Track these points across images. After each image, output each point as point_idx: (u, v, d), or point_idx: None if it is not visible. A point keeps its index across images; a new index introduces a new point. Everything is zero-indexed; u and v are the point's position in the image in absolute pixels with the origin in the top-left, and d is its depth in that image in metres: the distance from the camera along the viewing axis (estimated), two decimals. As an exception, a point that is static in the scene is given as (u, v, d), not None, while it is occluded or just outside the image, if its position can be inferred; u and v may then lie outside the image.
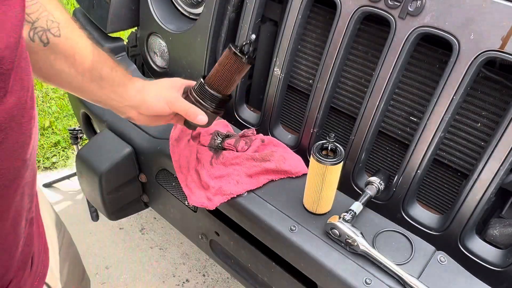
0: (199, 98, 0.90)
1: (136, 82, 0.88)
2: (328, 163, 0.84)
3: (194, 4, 1.34)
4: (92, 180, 1.17)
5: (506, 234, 0.89)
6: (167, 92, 0.89)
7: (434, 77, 0.93)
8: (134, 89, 0.87)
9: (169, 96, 0.88)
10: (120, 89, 0.86)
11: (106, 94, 0.85)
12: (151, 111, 0.88)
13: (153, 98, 0.88)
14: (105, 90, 0.84)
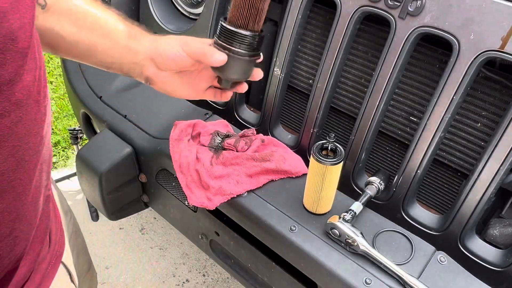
0: (224, 42, 0.73)
1: (150, 34, 0.79)
2: (328, 163, 0.84)
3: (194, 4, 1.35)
4: (92, 180, 1.17)
5: (506, 234, 0.89)
6: (186, 37, 0.77)
7: (434, 77, 0.93)
8: (148, 39, 0.78)
9: (186, 39, 0.76)
10: (132, 42, 0.77)
11: (118, 50, 0.77)
12: (166, 58, 0.76)
13: (167, 43, 0.76)
14: (117, 46, 0.76)
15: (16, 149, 0.46)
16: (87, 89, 1.37)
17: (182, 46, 0.75)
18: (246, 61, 0.75)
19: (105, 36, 0.75)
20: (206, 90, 0.85)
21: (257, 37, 0.74)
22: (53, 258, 0.66)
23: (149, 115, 1.25)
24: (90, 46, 0.75)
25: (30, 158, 0.49)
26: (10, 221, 0.49)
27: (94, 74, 1.41)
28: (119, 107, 1.28)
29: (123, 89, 1.36)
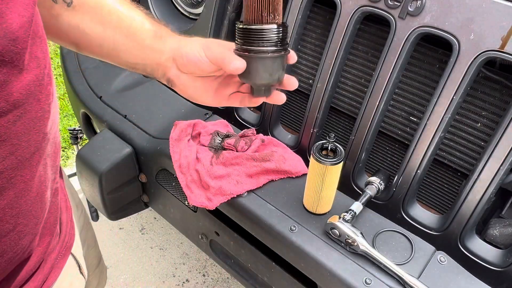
0: (242, 44, 0.67)
1: (175, 36, 0.76)
2: (328, 163, 0.84)
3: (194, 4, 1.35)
4: (92, 180, 1.17)
5: (506, 234, 0.89)
6: (209, 41, 0.73)
7: (434, 77, 0.93)
8: (173, 40, 0.75)
9: (208, 43, 0.72)
10: (157, 42, 0.74)
11: (143, 51, 0.74)
12: (187, 60, 0.72)
13: (190, 45, 0.73)
14: (141, 44, 0.74)
15: (16, 147, 0.46)
16: (87, 89, 1.37)
17: (204, 49, 0.71)
18: (269, 59, 0.66)
19: (130, 36, 0.73)
20: (231, 95, 0.80)
21: (275, 30, 0.65)
22: (63, 249, 0.67)
23: (149, 115, 1.25)
24: (115, 45, 0.73)
25: (31, 156, 0.49)
26: (12, 217, 0.50)
27: (94, 74, 1.41)
28: (119, 107, 1.28)
29: (123, 89, 1.36)
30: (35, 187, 0.52)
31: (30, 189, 0.51)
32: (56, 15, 0.68)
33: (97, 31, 0.71)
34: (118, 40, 0.73)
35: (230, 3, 1.19)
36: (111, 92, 1.34)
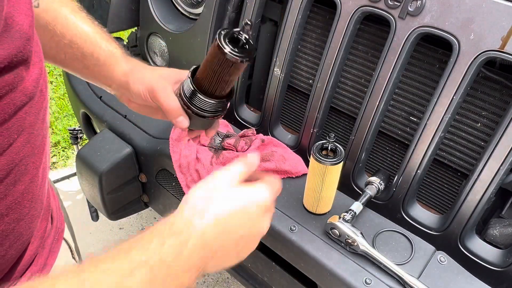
0: (188, 102, 0.73)
1: (123, 64, 0.78)
2: (328, 163, 0.84)
3: (194, 4, 1.34)
4: (92, 180, 1.17)
5: (506, 234, 0.89)
6: (154, 80, 0.75)
7: (434, 77, 0.93)
8: (121, 71, 0.77)
9: (154, 85, 0.75)
10: (104, 70, 0.77)
11: (91, 73, 0.78)
12: (135, 98, 0.77)
13: (136, 83, 0.76)
14: (89, 69, 0.77)
15: (31, 136, 0.50)
16: (87, 89, 1.36)
17: (148, 92, 0.75)
18: (208, 120, 0.77)
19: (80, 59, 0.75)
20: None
21: (221, 104, 0.75)
22: (56, 234, 0.70)
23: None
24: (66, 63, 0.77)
25: (40, 144, 0.54)
26: (28, 201, 0.54)
27: (94, 74, 1.41)
28: (119, 107, 1.28)
29: (123, 89, 1.36)
30: (41, 172, 0.56)
31: (39, 175, 0.55)
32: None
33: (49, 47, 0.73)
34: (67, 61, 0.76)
35: (230, 3, 1.19)
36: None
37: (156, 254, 0.47)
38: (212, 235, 0.52)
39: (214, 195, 0.55)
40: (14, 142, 0.47)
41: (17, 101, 0.46)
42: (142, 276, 0.46)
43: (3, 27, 0.41)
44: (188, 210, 0.53)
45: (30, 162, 0.51)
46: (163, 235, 0.49)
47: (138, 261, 0.46)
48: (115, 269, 0.45)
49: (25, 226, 0.56)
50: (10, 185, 0.49)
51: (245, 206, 0.56)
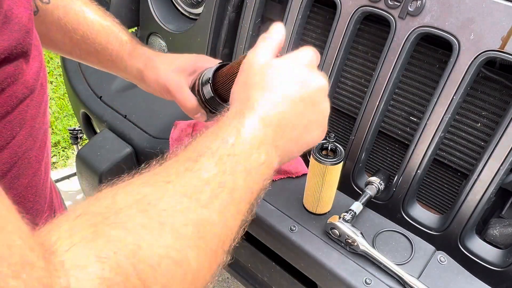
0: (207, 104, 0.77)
1: (137, 58, 0.78)
2: (328, 163, 0.84)
3: (194, 4, 1.34)
4: (92, 180, 1.17)
5: (506, 234, 0.89)
6: (169, 78, 0.76)
7: (434, 77, 0.93)
8: (135, 68, 0.79)
9: (169, 83, 0.76)
10: (118, 64, 0.79)
11: (107, 67, 0.79)
12: (150, 89, 0.80)
13: (151, 81, 0.78)
14: (104, 64, 0.78)
15: (33, 130, 0.51)
16: (87, 89, 1.36)
17: (165, 93, 0.78)
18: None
19: (94, 54, 0.76)
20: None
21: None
22: None
23: (149, 115, 1.25)
24: (82, 58, 0.78)
25: (42, 137, 0.54)
26: (31, 195, 0.54)
27: (94, 74, 1.41)
28: (119, 107, 1.28)
29: (123, 89, 1.36)
30: (43, 166, 0.56)
31: (42, 169, 0.56)
32: None
33: (63, 43, 0.74)
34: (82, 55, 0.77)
35: (230, 3, 1.19)
36: (111, 92, 1.34)
37: (217, 138, 0.47)
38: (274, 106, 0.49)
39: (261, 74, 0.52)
40: (17, 135, 0.48)
41: (19, 93, 0.46)
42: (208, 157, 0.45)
43: (4, 19, 0.42)
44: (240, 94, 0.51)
45: (32, 156, 0.52)
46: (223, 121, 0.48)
47: (203, 147, 0.47)
48: (182, 160, 0.47)
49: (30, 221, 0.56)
50: (14, 178, 0.50)
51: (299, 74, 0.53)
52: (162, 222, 0.39)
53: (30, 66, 0.48)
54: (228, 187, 0.45)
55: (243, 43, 1.16)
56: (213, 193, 0.44)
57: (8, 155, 0.47)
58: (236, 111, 0.49)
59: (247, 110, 0.48)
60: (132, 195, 0.41)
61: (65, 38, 0.73)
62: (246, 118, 0.48)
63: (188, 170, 0.44)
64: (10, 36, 0.43)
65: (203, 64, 0.81)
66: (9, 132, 0.46)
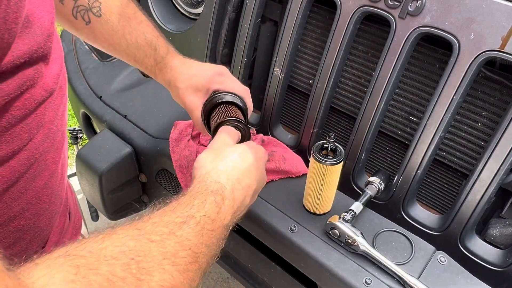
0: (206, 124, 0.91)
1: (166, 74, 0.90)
2: (328, 163, 0.84)
3: (194, 4, 1.35)
4: (92, 180, 1.17)
5: (506, 234, 0.89)
6: (189, 97, 0.89)
7: (434, 77, 0.93)
8: (163, 80, 0.92)
9: (188, 103, 0.89)
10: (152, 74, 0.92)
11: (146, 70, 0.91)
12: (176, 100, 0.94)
13: (176, 97, 0.92)
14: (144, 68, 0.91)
15: (50, 132, 0.51)
16: (87, 89, 1.36)
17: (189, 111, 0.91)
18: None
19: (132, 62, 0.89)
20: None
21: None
22: (74, 230, 0.73)
23: (149, 115, 1.25)
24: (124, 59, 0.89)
25: (60, 139, 0.55)
26: (47, 196, 0.55)
27: (94, 74, 1.41)
28: (119, 107, 1.28)
29: (123, 89, 1.36)
30: (60, 168, 0.58)
31: (58, 170, 0.57)
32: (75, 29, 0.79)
33: (108, 50, 0.84)
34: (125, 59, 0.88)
35: (230, 3, 1.19)
36: (111, 92, 1.34)
37: (200, 210, 0.54)
38: (238, 192, 0.62)
39: (225, 156, 0.65)
40: (34, 137, 0.48)
41: (38, 96, 0.47)
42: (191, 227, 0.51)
43: (25, 23, 0.42)
44: (214, 173, 0.62)
45: (49, 158, 0.53)
46: (202, 195, 0.57)
47: (186, 215, 0.52)
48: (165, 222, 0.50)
49: (45, 221, 0.57)
50: (30, 180, 0.50)
51: (254, 162, 0.68)
52: (140, 279, 0.42)
53: (49, 69, 0.48)
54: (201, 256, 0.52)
55: (243, 43, 1.16)
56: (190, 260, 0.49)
57: (25, 157, 0.48)
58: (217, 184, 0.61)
59: (227, 192, 0.61)
60: (118, 246, 0.43)
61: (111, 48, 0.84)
62: (225, 199, 0.60)
63: (172, 234, 0.49)
64: (31, 40, 0.44)
65: (218, 84, 0.89)
66: (27, 134, 0.47)
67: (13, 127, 0.45)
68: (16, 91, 0.43)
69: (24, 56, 0.43)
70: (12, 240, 0.51)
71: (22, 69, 0.44)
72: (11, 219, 0.49)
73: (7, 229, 0.49)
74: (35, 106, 0.47)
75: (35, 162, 0.49)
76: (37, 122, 0.48)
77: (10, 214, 0.49)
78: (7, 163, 0.45)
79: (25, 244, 0.54)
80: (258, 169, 0.70)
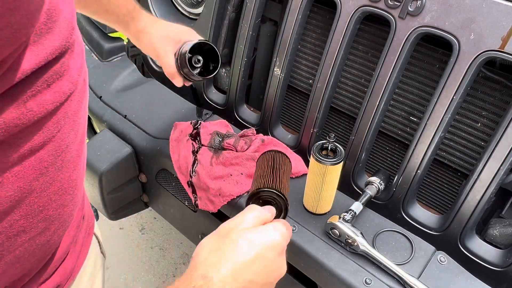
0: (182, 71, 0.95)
1: (137, 23, 0.93)
2: (328, 163, 0.84)
3: (194, 4, 1.35)
4: (92, 180, 1.17)
5: (506, 234, 0.89)
6: (161, 43, 0.92)
7: (434, 77, 0.93)
8: (135, 28, 0.94)
9: (160, 48, 0.92)
10: (122, 26, 0.94)
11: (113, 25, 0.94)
12: (144, 50, 0.96)
13: (146, 44, 0.94)
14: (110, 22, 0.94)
15: (75, 124, 0.52)
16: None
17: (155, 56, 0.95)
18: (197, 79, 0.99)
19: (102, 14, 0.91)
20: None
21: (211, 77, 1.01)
22: (88, 228, 0.73)
23: (149, 115, 1.25)
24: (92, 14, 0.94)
25: (82, 132, 0.56)
26: (71, 188, 0.55)
27: (94, 74, 1.41)
28: (119, 107, 1.28)
29: (123, 89, 1.36)
30: (82, 160, 0.58)
31: (80, 162, 0.57)
32: None
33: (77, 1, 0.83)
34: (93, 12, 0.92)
35: (230, 3, 1.19)
36: (111, 92, 1.34)
37: None
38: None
39: (226, 244, 0.56)
40: (62, 128, 0.49)
41: (66, 89, 0.48)
42: None
43: (53, 17, 0.42)
44: (204, 265, 0.54)
45: (73, 150, 0.53)
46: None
47: None
48: None
49: (69, 213, 0.57)
50: (57, 171, 0.50)
51: (259, 253, 0.56)
52: None
53: (74, 61, 0.49)
54: None
55: (243, 43, 1.16)
56: None
57: (53, 148, 0.48)
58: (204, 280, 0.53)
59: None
60: None
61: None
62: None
63: None
64: (59, 34, 0.44)
65: (189, 37, 0.96)
66: (55, 125, 0.47)
67: (44, 119, 0.46)
68: (43, 84, 0.44)
69: (55, 52, 0.44)
70: (40, 230, 0.52)
71: (51, 65, 0.44)
72: (41, 209, 0.50)
73: (36, 219, 0.50)
74: (65, 98, 0.48)
75: (61, 153, 0.50)
76: (63, 113, 0.48)
77: (40, 204, 0.49)
78: (37, 153, 0.46)
79: (50, 234, 0.54)
80: (267, 261, 0.57)
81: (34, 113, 0.43)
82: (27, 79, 0.42)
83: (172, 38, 0.94)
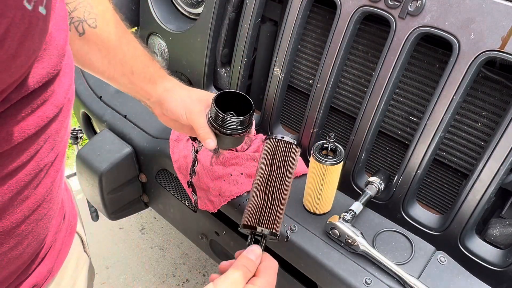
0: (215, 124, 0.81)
1: (166, 82, 0.86)
2: (328, 163, 0.84)
3: (194, 4, 1.34)
4: (92, 180, 1.17)
5: (506, 234, 0.89)
6: (192, 102, 0.84)
7: (434, 77, 0.93)
8: (163, 87, 0.85)
9: (191, 107, 0.83)
10: (149, 86, 0.85)
11: (135, 88, 0.85)
12: (170, 114, 0.85)
13: (175, 102, 0.84)
14: (135, 84, 0.84)
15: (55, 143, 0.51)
16: (87, 89, 1.36)
17: (186, 113, 0.83)
18: (237, 138, 0.83)
19: (128, 75, 0.83)
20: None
21: (247, 119, 0.81)
22: (69, 227, 0.73)
23: (149, 115, 1.24)
24: (114, 78, 0.84)
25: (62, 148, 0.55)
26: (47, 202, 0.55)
27: (94, 74, 1.41)
28: (119, 107, 1.28)
29: (123, 89, 1.36)
30: (59, 175, 0.57)
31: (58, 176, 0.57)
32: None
33: (101, 63, 0.79)
34: (116, 76, 0.83)
35: (230, 3, 1.19)
36: (111, 92, 1.34)
37: None
38: None
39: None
40: (41, 148, 0.49)
41: (49, 113, 0.47)
42: None
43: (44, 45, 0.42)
44: None
45: (52, 167, 0.53)
46: None
47: None
48: None
49: (43, 226, 0.57)
50: (33, 188, 0.50)
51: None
52: None
53: (61, 84, 0.48)
54: None
55: (243, 43, 1.16)
56: None
57: (31, 168, 0.48)
58: None
59: None
60: None
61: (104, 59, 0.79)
62: None
63: None
64: (49, 62, 0.44)
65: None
66: (35, 146, 0.47)
67: (23, 143, 0.45)
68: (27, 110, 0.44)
69: (42, 80, 0.43)
70: (12, 245, 0.51)
71: (37, 92, 0.44)
72: (13, 225, 0.50)
73: (8, 235, 0.50)
74: (47, 122, 0.47)
75: (39, 172, 0.50)
76: (44, 135, 0.48)
77: (12, 220, 0.49)
78: (14, 174, 0.46)
79: (23, 248, 0.54)
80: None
81: (14, 138, 0.43)
82: (12, 107, 0.41)
83: (203, 99, 0.85)
